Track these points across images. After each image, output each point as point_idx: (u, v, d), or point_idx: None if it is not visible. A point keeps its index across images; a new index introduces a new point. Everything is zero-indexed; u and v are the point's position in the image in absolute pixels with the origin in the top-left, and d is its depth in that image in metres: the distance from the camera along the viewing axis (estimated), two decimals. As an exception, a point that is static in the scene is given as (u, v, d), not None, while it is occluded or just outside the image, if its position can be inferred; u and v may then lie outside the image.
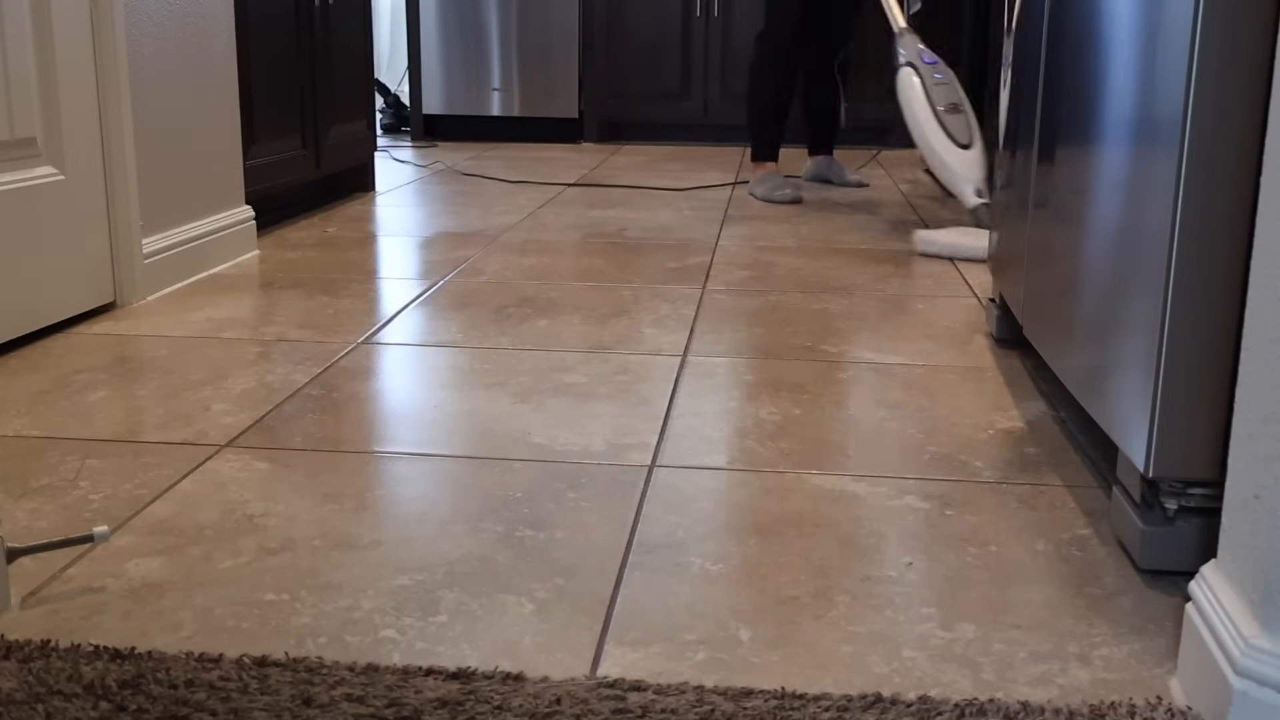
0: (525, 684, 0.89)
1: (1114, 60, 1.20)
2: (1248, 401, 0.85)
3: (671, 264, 2.53)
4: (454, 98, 5.24)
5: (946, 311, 2.13)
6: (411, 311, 2.08)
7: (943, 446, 1.43)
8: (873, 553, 1.13)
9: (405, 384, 1.66)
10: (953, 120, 2.83)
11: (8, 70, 1.78)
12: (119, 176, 2.05)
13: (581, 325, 1.99)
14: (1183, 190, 0.99)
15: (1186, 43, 0.97)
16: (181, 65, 2.26)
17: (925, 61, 2.93)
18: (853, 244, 2.82)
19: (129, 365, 1.73)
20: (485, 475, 1.32)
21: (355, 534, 1.16)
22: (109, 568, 1.08)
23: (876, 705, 0.86)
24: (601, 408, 1.55)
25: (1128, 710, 0.86)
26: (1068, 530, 1.19)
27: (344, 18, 3.25)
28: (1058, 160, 1.43)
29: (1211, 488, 1.05)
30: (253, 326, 1.96)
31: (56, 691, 0.86)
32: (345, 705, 0.85)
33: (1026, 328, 1.59)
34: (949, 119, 2.83)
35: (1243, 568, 0.84)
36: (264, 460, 1.36)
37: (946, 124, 2.83)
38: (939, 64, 2.94)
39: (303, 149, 3.01)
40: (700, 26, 5.15)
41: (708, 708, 0.85)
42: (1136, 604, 1.04)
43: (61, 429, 1.46)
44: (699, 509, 1.23)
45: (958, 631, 0.99)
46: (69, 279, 1.94)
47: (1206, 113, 0.97)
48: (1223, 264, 0.99)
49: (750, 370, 1.74)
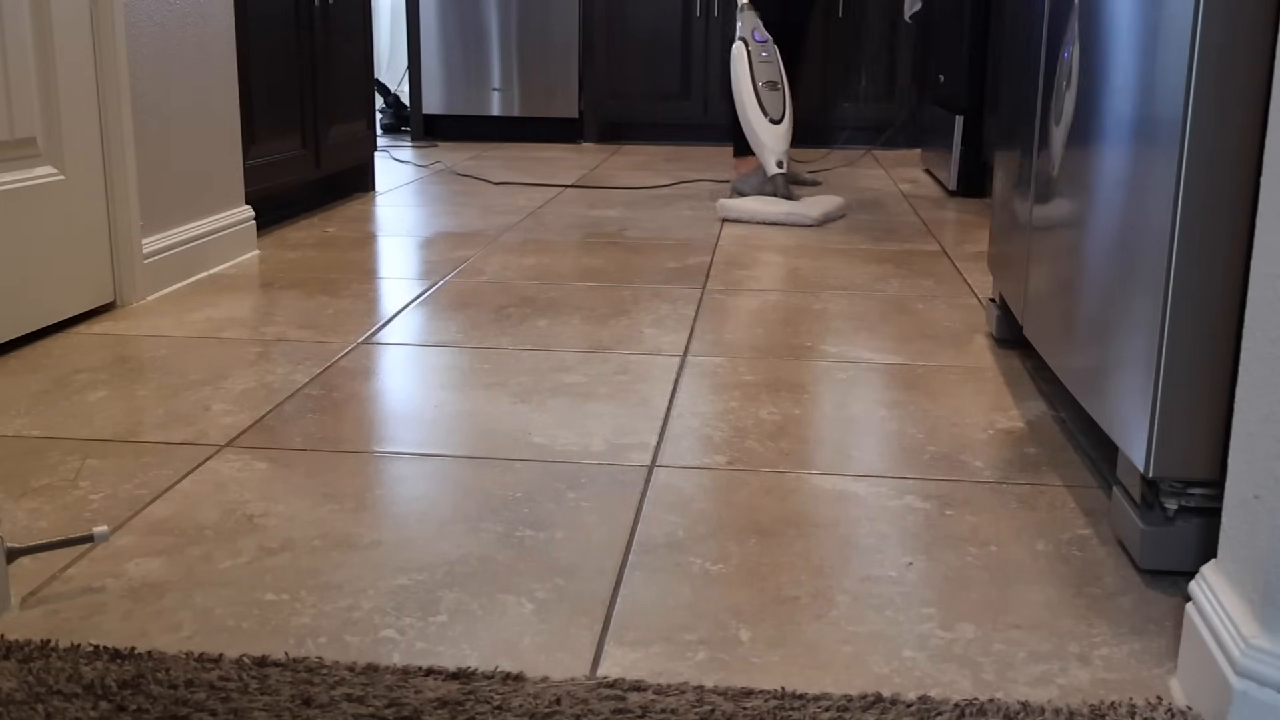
0: (525, 684, 0.88)
1: (1114, 60, 1.20)
2: (1248, 401, 0.85)
3: (671, 264, 2.53)
4: (454, 98, 5.24)
5: (946, 311, 2.13)
6: (411, 311, 2.08)
7: (943, 446, 1.43)
8: (873, 553, 1.13)
9: (405, 384, 1.66)
10: (769, 96, 3.15)
11: (8, 70, 1.78)
12: (119, 176, 2.05)
13: (581, 325, 1.99)
14: (1183, 190, 0.99)
15: (1187, 43, 0.97)
16: (181, 65, 2.26)
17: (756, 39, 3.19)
18: (852, 244, 2.82)
19: (129, 365, 1.73)
20: (485, 475, 1.32)
21: (355, 534, 1.16)
22: (109, 568, 1.08)
23: (876, 705, 0.86)
24: (601, 408, 1.55)
25: (1128, 710, 0.86)
26: (1068, 530, 1.19)
27: (344, 18, 3.25)
28: (1058, 160, 1.43)
29: (1211, 488, 1.05)
30: (253, 326, 1.96)
31: (56, 691, 0.86)
32: (345, 705, 0.85)
33: (1026, 328, 1.59)
34: (766, 95, 3.14)
35: (1243, 568, 0.84)
36: (264, 460, 1.36)
37: (763, 99, 3.14)
38: (768, 43, 3.22)
39: (303, 149, 3.01)
40: (700, 26, 5.15)
41: (708, 708, 0.85)
42: (1136, 604, 1.04)
43: (61, 429, 1.46)
44: (699, 509, 1.23)
45: (958, 631, 0.99)
46: (69, 279, 1.94)
47: (1206, 113, 0.97)
48: (1223, 264, 0.99)
49: (750, 370, 1.74)
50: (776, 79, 3.20)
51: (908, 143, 5.16)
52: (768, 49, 3.21)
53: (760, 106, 3.13)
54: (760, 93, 3.13)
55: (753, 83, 3.14)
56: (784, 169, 3.15)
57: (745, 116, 3.17)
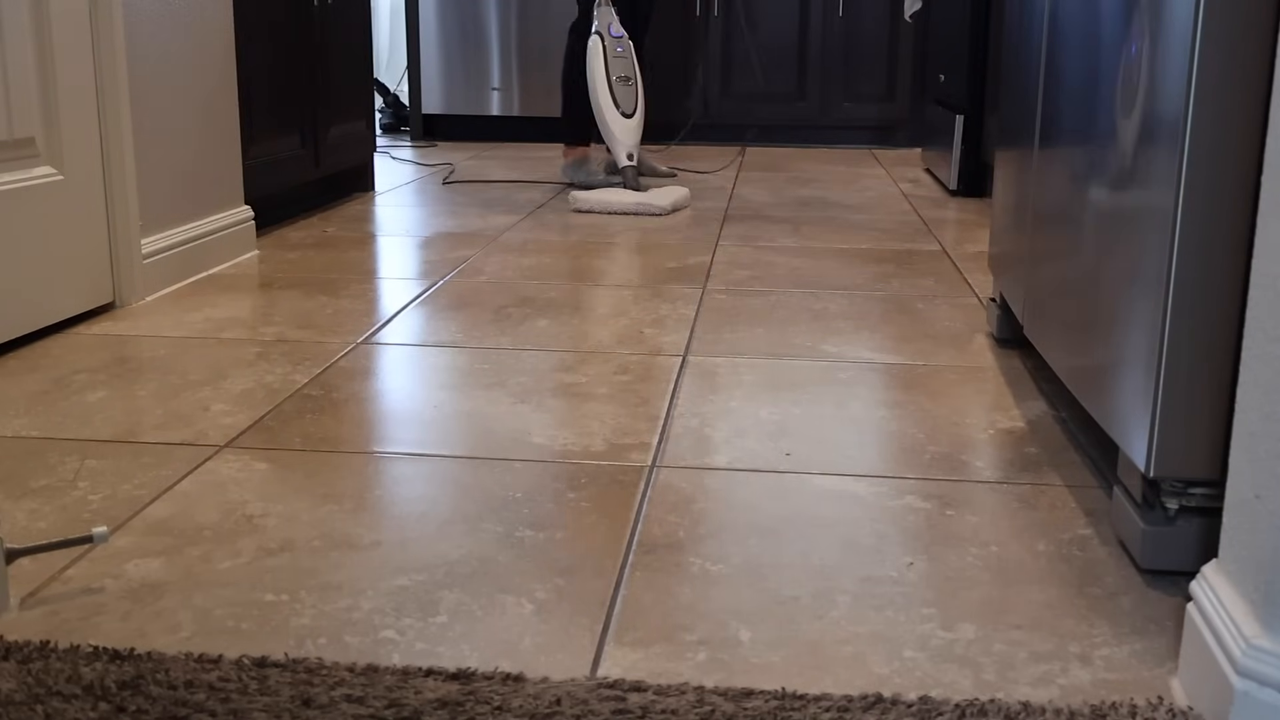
0: (525, 685, 0.88)
1: (1114, 59, 1.20)
2: (1248, 401, 0.85)
3: (671, 264, 2.53)
4: (453, 97, 5.24)
5: (947, 311, 2.13)
6: (411, 311, 2.08)
7: (943, 446, 1.43)
8: (873, 553, 1.13)
9: (405, 384, 1.66)
10: (622, 91, 3.26)
11: (7, 70, 1.78)
12: (118, 176, 2.05)
13: (581, 325, 1.99)
14: (1183, 190, 0.99)
15: (1187, 43, 0.97)
16: (181, 65, 2.26)
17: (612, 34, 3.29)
18: (853, 244, 2.82)
19: (128, 365, 1.73)
20: (485, 475, 1.32)
21: (355, 534, 1.16)
22: (108, 568, 1.08)
23: (877, 705, 0.86)
24: (601, 408, 1.55)
25: (1129, 710, 0.86)
26: (1069, 530, 1.19)
27: (343, 17, 3.25)
28: (1058, 159, 1.43)
29: (1212, 487, 1.05)
30: (252, 327, 1.96)
31: (56, 692, 0.86)
32: (345, 706, 0.85)
33: (1027, 327, 1.59)
34: (619, 89, 3.26)
35: (1244, 567, 0.84)
36: (263, 461, 1.36)
37: (616, 93, 3.26)
38: (623, 38, 3.31)
39: (302, 149, 3.01)
40: (700, 26, 5.14)
41: (708, 708, 0.85)
42: (1137, 604, 1.04)
43: (60, 429, 1.46)
44: (699, 509, 1.23)
45: (958, 632, 0.98)
46: (68, 279, 1.94)
47: (1206, 113, 0.97)
48: (1223, 264, 0.99)
49: (750, 370, 1.74)
50: (630, 74, 3.30)
51: (906, 143, 5.16)
52: (623, 44, 3.30)
53: (614, 100, 3.23)
54: (614, 87, 3.23)
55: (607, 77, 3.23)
56: (634, 161, 3.27)
57: (599, 109, 3.27)
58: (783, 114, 5.18)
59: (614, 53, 3.27)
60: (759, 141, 5.27)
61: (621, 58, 3.30)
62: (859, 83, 5.13)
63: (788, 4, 5.08)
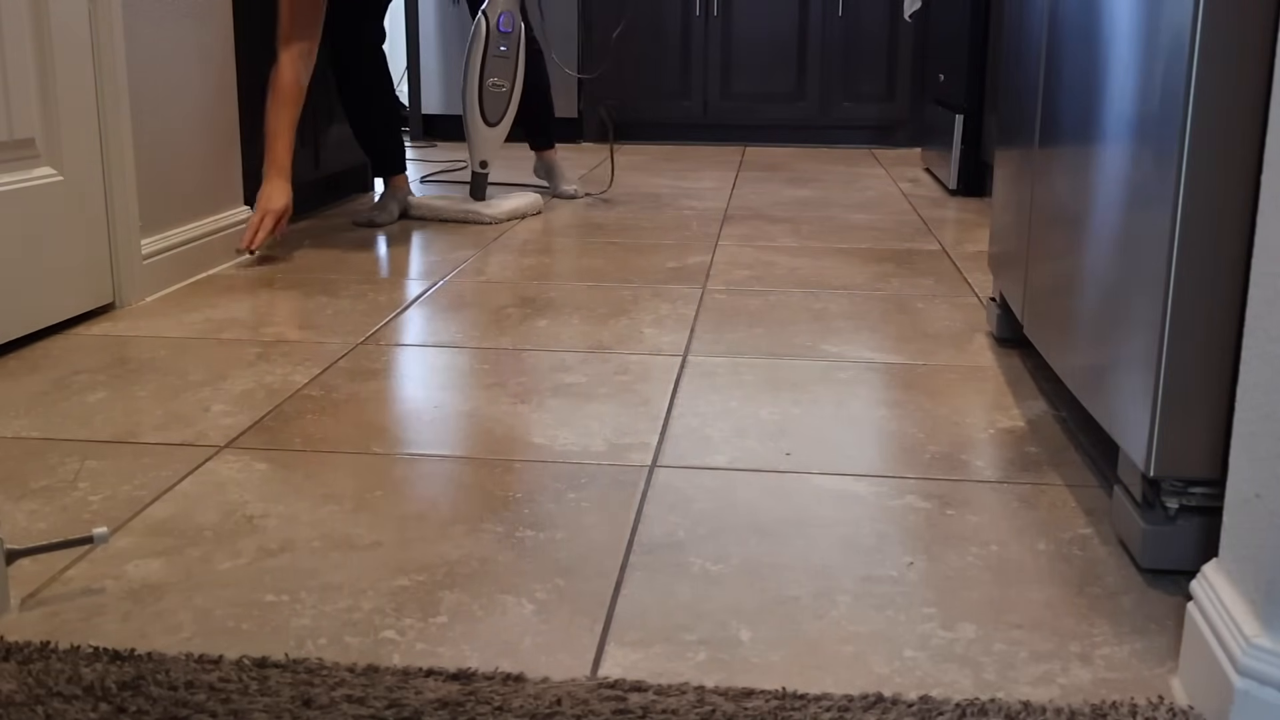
0: (526, 685, 0.88)
1: (1114, 59, 1.20)
2: (1248, 401, 0.85)
3: (671, 264, 2.53)
4: (454, 98, 5.24)
5: (947, 311, 2.13)
6: (411, 311, 2.08)
7: (943, 446, 1.43)
8: (873, 552, 1.13)
9: (405, 384, 1.66)
10: (491, 96, 3.06)
11: (6, 71, 1.78)
12: (118, 177, 2.05)
13: (581, 325, 1.99)
14: (1183, 189, 0.99)
15: (1187, 42, 0.97)
16: (181, 65, 2.26)
17: (500, 30, 3.02)
18: (853, 244, 2.82)
19: (128, 366, 1.73)
20: (485, 475, 1.32)
21: (355, 535, 1.16)
22: (108, 569, 1.08)
23: (877, 705, 0.86)
24: (601, 408, 1.55)
25: (1129, 710, 0.86)
26: (1069, 529, 1.19)
27: (343, 18, 3.24)
28: (1058, 159, 1.43)
29: (1213, 487, 1.05)
30: (252, 327, 1.96)
31: (56, 693, 0.86)
32: (345, 706, 0.85)
33: (1027, 327, 1.59)
34: (489, 95, 3.05)
35: (1244, 567, 0.84)
36: (263, 461, 1.36)
37: (485, 99, 3.05)
38: (510, 36, 3.03)
39: (301, 148, 3.01)
40: (700, 26, 5.14)
41: (708, 708, 0.85)
42: (1138, 603, 1.04)
43: (61, 430, 1.46)
44: (699, 509, 1.23)
45: (959, 631, 0.98)
46: (68, 280, 1.94)
47: (1206, 113, 0.97)
48: (1223, 264, 0.99)
49: (750, 370, 1.74)
50: (506, 80, 3.06)
51: (905, 142, 5.16)
52: (507, 43, 3.03)
53: (480, 107, 3.04)
54: (484, 92, 3.04)
55: (480, 79, 3.02)
56: (486, 169, 3.11)
57: (465, 110, 3.07)
58: (782, 114, 5.17)
59: (496, 51, 3.02)
60: (759, 141, 5.27)
61: (501, 59, 3.03)
62: (859, 82, 5.13)
63: (787, 3, 5.08)
